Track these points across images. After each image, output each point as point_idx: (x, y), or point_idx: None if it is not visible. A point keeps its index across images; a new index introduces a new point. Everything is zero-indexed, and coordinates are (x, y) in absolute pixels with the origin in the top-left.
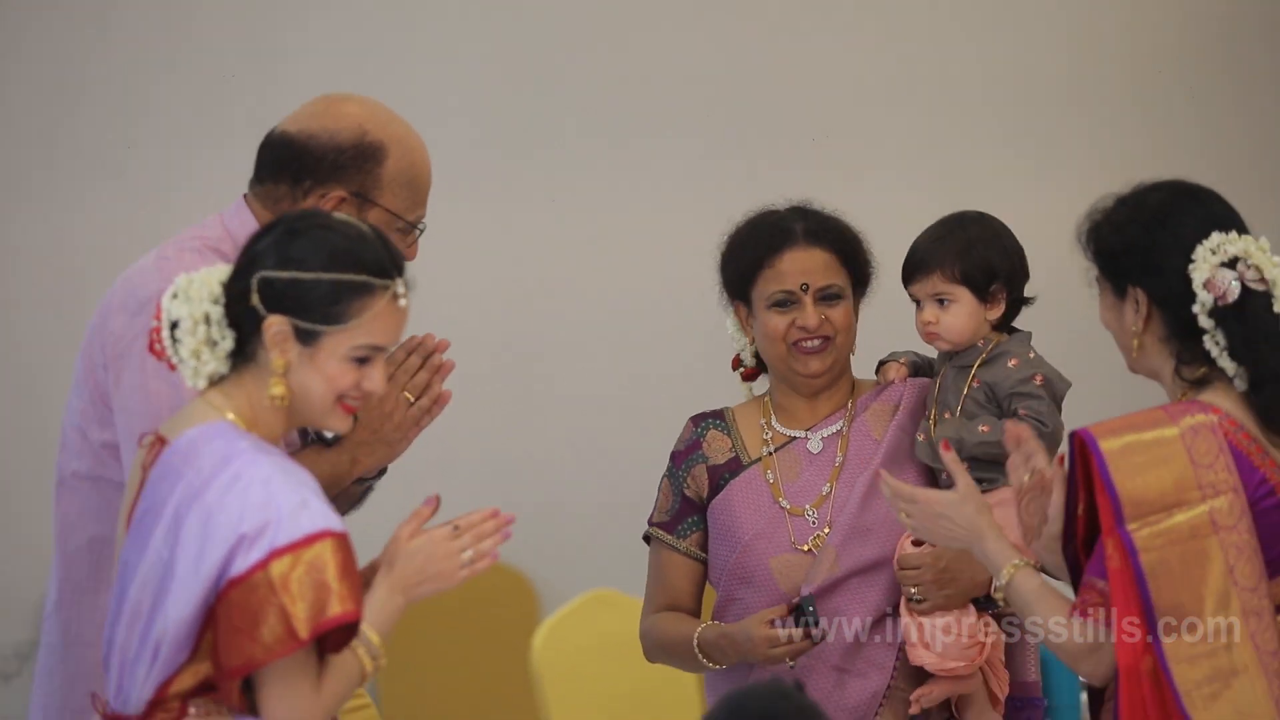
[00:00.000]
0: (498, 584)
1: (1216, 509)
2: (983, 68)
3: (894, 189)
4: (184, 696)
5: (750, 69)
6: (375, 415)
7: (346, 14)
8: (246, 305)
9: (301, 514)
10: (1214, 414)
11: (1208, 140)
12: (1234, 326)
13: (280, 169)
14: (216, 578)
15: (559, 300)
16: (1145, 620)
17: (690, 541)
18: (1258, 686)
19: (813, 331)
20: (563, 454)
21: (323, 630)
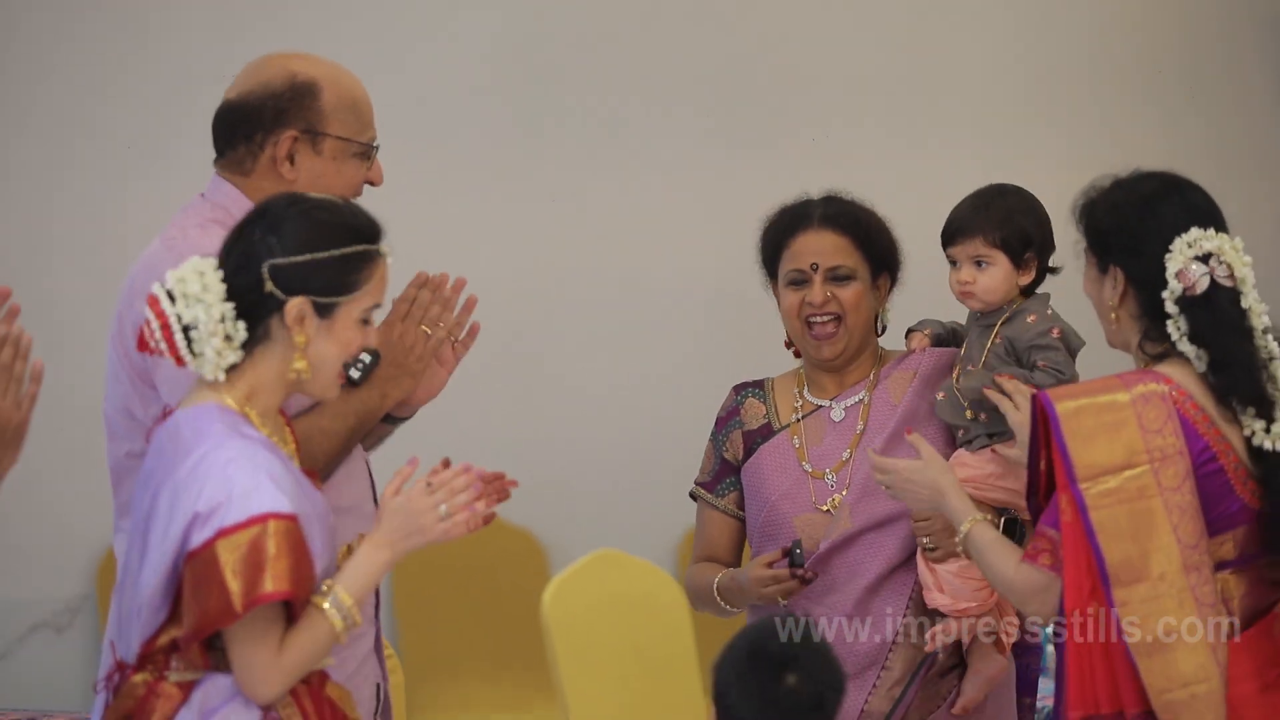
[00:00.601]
0: (510, 545)
1: (1162, 471)
2: (982, 62)
3: (893, 185)
4: (166, 652)
5: (755, 62)
6: (398, 349)
7: (348, 4)
8: (259, 295)
9: (251, 497)
10: (1165, 384)
11: (1208, 134)
12: (1197, 315)
13: (233, 133)
14: (178, 551)
15: (565, 284)
16: (1097, 571)
17: (728, 500)
18: (1197, 635)
19: (819, 308)
20: (571, 427)
21: (255, 605)
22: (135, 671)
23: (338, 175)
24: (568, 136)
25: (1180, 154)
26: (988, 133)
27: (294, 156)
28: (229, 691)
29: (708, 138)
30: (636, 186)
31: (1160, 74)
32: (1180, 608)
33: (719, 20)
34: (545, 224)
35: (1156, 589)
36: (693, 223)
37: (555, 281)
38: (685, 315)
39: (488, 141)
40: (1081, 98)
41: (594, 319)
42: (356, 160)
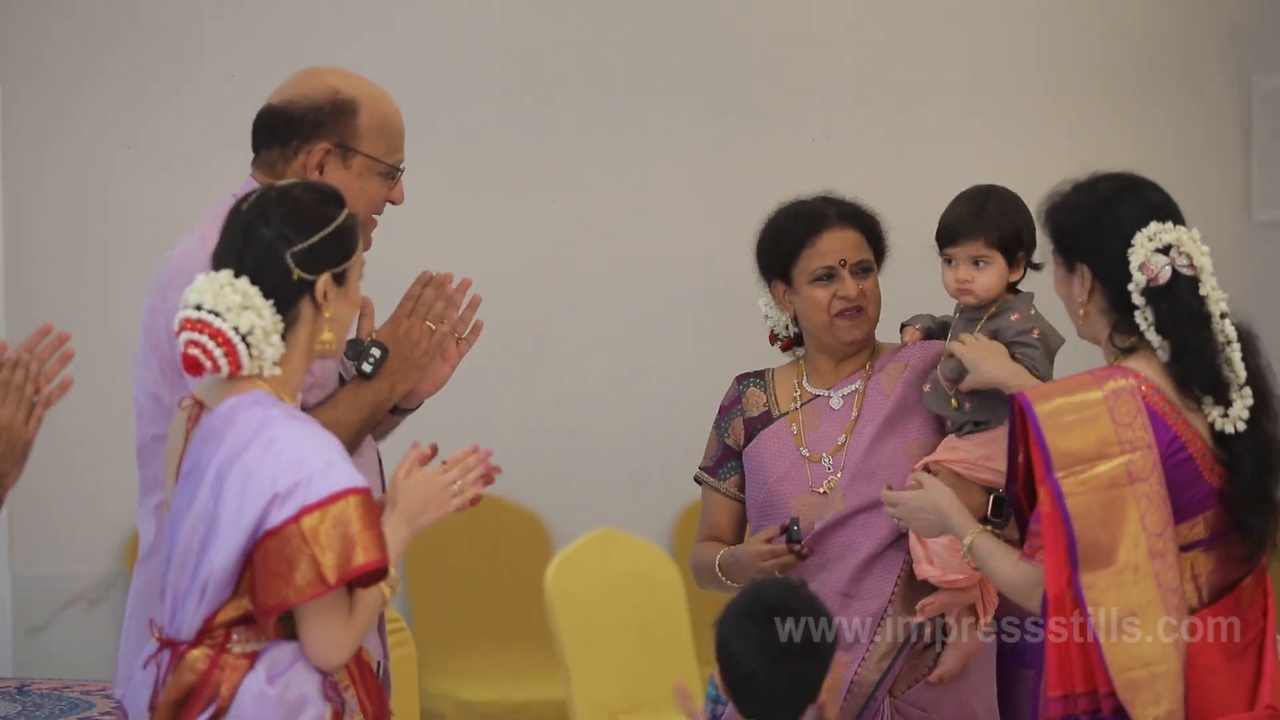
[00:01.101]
0: (515, 524)
1: (1133, 462)
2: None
3: (889, 177)
4: (227, 626)
5: (753, 56)
6: (405, 344)
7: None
8: (289, 283)
9: (328, 474)
10: (1134, 379)
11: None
12: (1161, 305)
13: (271, 136)
14: (254, 529)
15: (566, 280)
16: (1069, 555)
17: (730, 484)
18: (1157, 619)
19: (853, 301)
20: (572, 415)
21: (350, 577)
22: (192, 647)
23: (361, 191)
24: (568, 131)
25: (1150, 148)
26: (980, 127)
27: (324, 167)
28: (293, 656)
29: (706, 131)
30: (636, 179)
31: (1159, 75)
32: (1144, 592)
33: (717, 16)
34: (546, 218)
35: (1121, 575)
36: (691, 215)
37: (556, 277)
38: (683, 308)
39: (489, 137)
40: (1065, 99)
41: (594, 313)
42: (381, 179)
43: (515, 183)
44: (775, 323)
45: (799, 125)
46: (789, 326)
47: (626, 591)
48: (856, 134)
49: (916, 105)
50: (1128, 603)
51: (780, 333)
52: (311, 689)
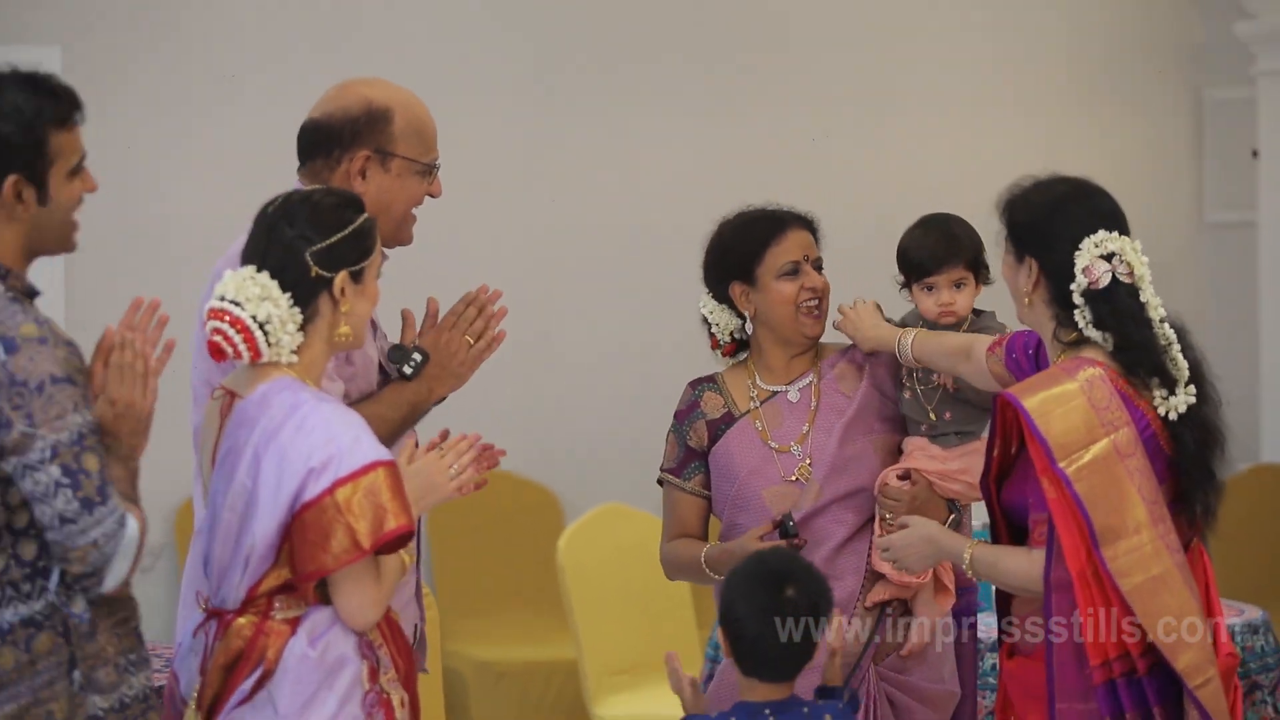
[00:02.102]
0: (530, 498)
1: (1118, 440)
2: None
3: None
4: (269, 595)
5: (754, 41)
6: (444, 354)
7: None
8: (308, 280)
9: (357, 449)
10: (1099, 367)
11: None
12: (1099, 306)
13: (314, 148)
14: (291, 503)
15: (577, 261)
16: (1088, 536)
17: (695, 482)
18: (1174, 577)
19: (818, 292)
20: (582, 395)
21: (383, 542)
22: (238, 615)
23: (402, 190)
24: (578, 115)
25: (1111, 154)
26: (956, 131)
27: (365, 172)
28: (331, 619)
29: (718, 114)
30: (644, 162)
31: (1161, 75)
32: (1158, 556)
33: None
34: (555, 205)
35: (1137, 542)
36: (699, 197)
37: (567, 263)
38: (690, 291)
39: (498, 126)
40: (1035, 109)
41: (604, 299)
42: (419, 177)
43: (523, 170)
44: (721, 328)
45: (809, 113)
46: (733, 333)
47: (632, 561)
48: (852, 137)
49: (899, 111)
50: (1147, 567)
51: (724, 338)
52: (349, 649)
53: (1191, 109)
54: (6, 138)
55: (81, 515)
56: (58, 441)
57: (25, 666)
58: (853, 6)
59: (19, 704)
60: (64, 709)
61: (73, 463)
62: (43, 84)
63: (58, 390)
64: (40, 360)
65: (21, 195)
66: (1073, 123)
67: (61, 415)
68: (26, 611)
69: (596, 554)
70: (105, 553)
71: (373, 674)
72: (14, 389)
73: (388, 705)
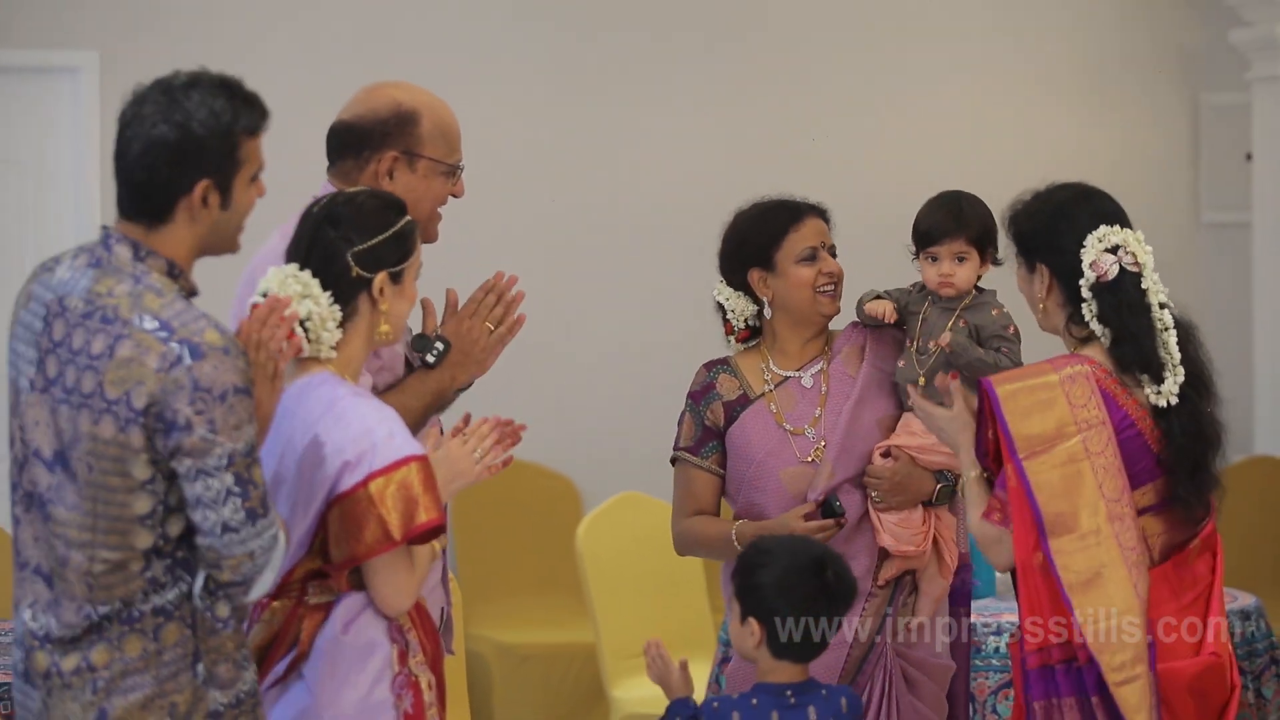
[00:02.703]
0: (550, 487)
1: (1089, 439)
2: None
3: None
4: (303, 580)
5: (761, 35)
6: (466, 341)
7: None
8: (348, 280)
9: (391, 443)
10: (1088, 365)
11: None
12: (1106, 298)
13: (344, 149)
14: (327, 494)
15: (597, 258)
16: (1036, 527)
17: (712, 461)
18: (1119, 574)
19: (834, 277)
20: (601, 388)
21: (414, 534)
22: (273, 600)
23: (427, 190)
24: (597, 113)
25: (1111, 157)
26: (967, 133)
27: (393, 172)
28: (362, 605)
29: (744, 111)
30: (665, 156)
31: (1162, 75)
32: (1108, 552)
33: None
34: (573, 199)
35: (1085, 538)
36: (708, 192)
37: (587, 260)
38: (706, 287)
39: (512, 129)
40: (1039, 113)
41: (622, 295)
42: (444, 178)
43: (539, 165)
44: (737, 314)
45: (810, 111)
46: (749, 320)
47: (648, 548)
48: (847, 139)
49: (901, 114)
50: (1092, 562)
51: (738, 325)
52: (379, 633)
53: (1188, 113)
54: (202, 142)
55: (245, 525)
56: (234, 450)
57: (152, 656)
58: (858, 14)
59: (144, 693)
60: (187, 701)
61: (245, 472)
62: (237, 90)
63: (238, 401)
64: (224, 369)
65: (207, 200)
66: (1073, 126)
67: (239, 425)
68: (159, 601)
69: (614, 541)
70: (258, 564)
71: (402, 657)
72: (197, 393)
73: (416, 687)
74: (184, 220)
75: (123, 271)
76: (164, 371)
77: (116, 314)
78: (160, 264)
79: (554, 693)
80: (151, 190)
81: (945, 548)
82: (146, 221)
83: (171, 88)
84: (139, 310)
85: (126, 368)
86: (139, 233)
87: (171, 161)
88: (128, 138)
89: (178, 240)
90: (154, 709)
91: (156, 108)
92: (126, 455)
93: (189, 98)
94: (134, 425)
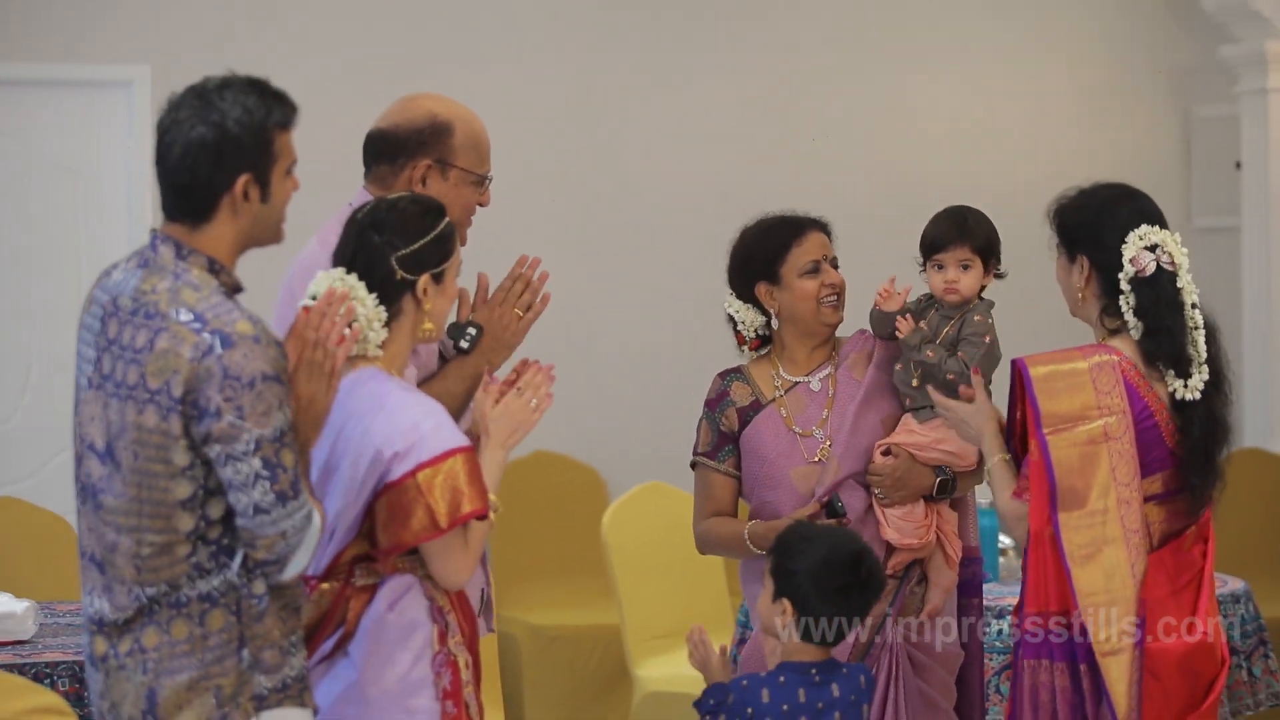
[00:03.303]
0: (577, 477)
1: (1109, 424)
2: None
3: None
4: (351, 563)
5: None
6: (497, 326)
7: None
8: (393, 282)
9: (438, 435)
10: (1115, 355)
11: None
12: (1144, 292)
13: (380, 156)
14: (376, 483)
15: (621, 257)
16: (1049, 498)
17: (728, 464)
18: (1120, 554)
19: (837, 288)
20: (626, 383)
21: (459, 523)
22: (322, 581)
23: (457, 197)
24: (614, 109)
25: (1109, 164)
26: (976, 141)
27: (426, 180)
28: (406, 587)
29: (761, 109)
30: (686, 151)
31: (1157, 84)
32: (1109, 529)
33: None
34: (595, 194)
35: (1092, 516)
36: (728, 198)
37: (611, 258)
38: (719, 290)
39: (541, 132)
40: (1040, 122)
41: (647, 291)
42: (473, 187)
43: (567, 166)
44: (747, 325)
45: (812, 119)
46: (758, 330)
47: (670, 535)
48: (844, 144)
49: (906, 124)
50: (1095, 539)
51: (749, 335)
52: (422, 614)
53: (1181, 124)
54: (239, 139)
55: (275, 507)
56: (262, 436)
57: (198, 640)
58: (861, 26)
59: (190, 675)
60: (232, 684)
61: (273, 457)
62: (266, 88)
63: (267, 388)
64: (253, 358)
65: (248, 194)
66: (1074, 137)
67: (268, 412)
68: (205, 588)
69: (637, 529)
70: (291, 544)
71: (442, 637)
72: (227, 381)
73: (454, 665)
74: (226, 217)
75: (165, 270)
76: (197, 360)
77: (157, 309)
78: (201, 261)
79: (580, 671)
80: (194, 190)
81: (947, 541)
82: (190, 221)
83: (205, 91)
84: (176, 304)
85: (164, 359)
86: (182, 233)
87: (211, 160)
88: (167, 143)
89: (218, 237)
90: (199, 690)
91: (192, 111)
92: (168, 443)
93: (223, 99)
94: (173, 413)
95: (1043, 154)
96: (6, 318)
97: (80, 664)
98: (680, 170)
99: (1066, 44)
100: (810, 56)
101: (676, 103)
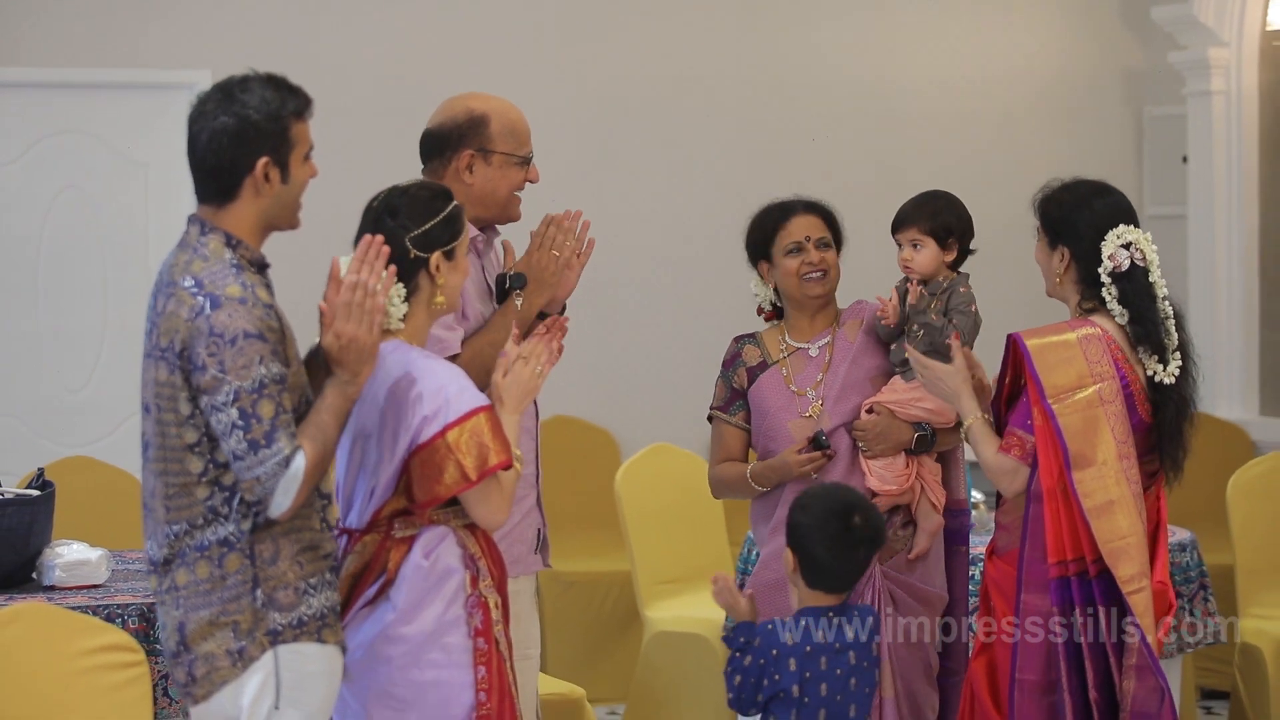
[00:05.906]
0: (592, 439)
1: (1103, 390)
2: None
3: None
4: (390, 517)
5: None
6: (537, 270)
7: None
8: (408, 261)
9: (463, 397)
10: (1099, 329)
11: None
12: (1124, 285)
13: (431, 153)
14: (410, 444)
15: (636, 226)
16: (1061, 460)
17: (739, 417)
18: (1128, 503)
19: (815, 265)
20: (638, 349)
21: (487, 475)
22: (364, 534)
23: (503, 179)
24: (638, 79)
25: (1067, 158)
26: (949, 137)
27: (471, 167)
28: (440, 537)
29: (762, 75)
30: (694, 123)
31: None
32: (1118, 485)
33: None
34: (609, 163)
35: (1101, 471)
36: (750, 155)
37: (626, 229)
38: (725, 261)
39: (542, 100)
40: (1007, 124)
41: (658, 259)
42: (516, 168)
43: (580, 139)
44: (762, 298)
45: (814, 119)
46: (773, 302)
47: (676, 491)
48: (841, 141)
49: (896, 125)
50: (1108, 494)
51: (765, 306)
52: (455, 561)
53: (1133, 123)
54: (258, 125)
55: (248, 454)
56: (240, 388)
57: (217, 580)
58: (858, 32)
59: (211, 611)
60: (248, 621)
61: (249, 408)
62: (282, 83)
63: (248, 344)
64: (237, 317)
65: (269, 175)
66: (1036, 134)
67: (248, 365)
68: (223, 533)
69: (647, 485)
70: (267, 487)
71: (473, 581)
72: (212, 338)
73: (485, 606)
74: (249, 197)
75: (189, 245)
76: (190, 320)
77: (171, 278)
78: (219, 236)
79: (595, 614)
80: (219, 172)
81: (930, 489)
82: (217, 201)
83: (228, 87)
84: (186, 273)
85: (170, 320)
86: (209, 213)
87: (234, 145)
88: (195, 132)
89: (241, 216)
90: (219, 625)
91: (217, 104)
92: (175, 394)
93: (244, 91)
94: (176, 368)
95: (1010, 146)
96: (83, 295)
97: (145, 605)
98: (690, 143)
99: (1033, 52)
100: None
101: (692, 85)
